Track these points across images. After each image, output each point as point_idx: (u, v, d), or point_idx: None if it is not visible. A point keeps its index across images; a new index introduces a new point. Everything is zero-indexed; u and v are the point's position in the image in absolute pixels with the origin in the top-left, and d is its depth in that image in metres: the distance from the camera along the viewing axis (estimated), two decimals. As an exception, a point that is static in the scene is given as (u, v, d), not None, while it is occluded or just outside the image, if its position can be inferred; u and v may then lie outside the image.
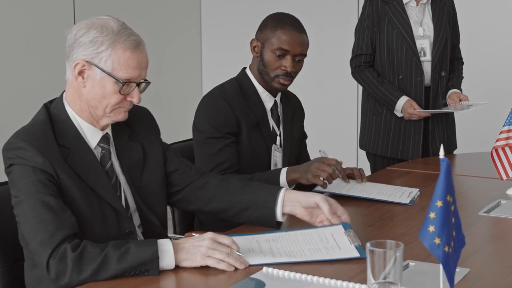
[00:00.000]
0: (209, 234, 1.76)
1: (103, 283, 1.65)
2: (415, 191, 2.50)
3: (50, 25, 4.68)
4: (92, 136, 1.88)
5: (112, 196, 1.86)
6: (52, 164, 1.75)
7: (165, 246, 1.71)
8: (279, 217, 2.01)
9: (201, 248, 1.72)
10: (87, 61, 1.79)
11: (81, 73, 1.81)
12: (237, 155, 2.50)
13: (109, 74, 1.79)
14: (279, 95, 2.64)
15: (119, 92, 1.81)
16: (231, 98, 2.51)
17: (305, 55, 2.53)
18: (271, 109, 2.60)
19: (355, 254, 1.81)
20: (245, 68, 2.63)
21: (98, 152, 1.88)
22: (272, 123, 2.60)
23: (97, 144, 1.88)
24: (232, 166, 2.47)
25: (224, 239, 1.76)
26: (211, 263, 1.72)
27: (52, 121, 1.83)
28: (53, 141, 1.79)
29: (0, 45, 4.44)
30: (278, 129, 2.62)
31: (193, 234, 1.86)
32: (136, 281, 1.65)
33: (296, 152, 2.72)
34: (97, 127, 1.88)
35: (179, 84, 5.72)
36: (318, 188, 2.42)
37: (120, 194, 1.91)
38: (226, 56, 5.70)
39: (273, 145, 2.58)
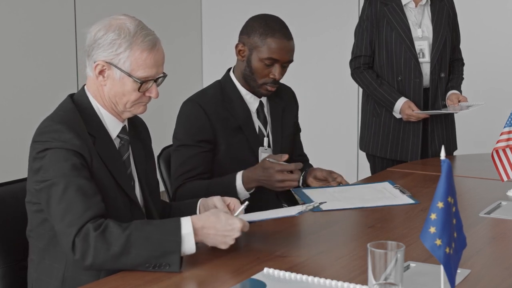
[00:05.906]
0: (238, 224, 1.74)
1: (104, 284, 1.66)
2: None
3: (50, 25, 4.68)
4: (114, 126, 1.93)
5: (129, 186, 1.92)
6: (88, 148, 1.80)
7: (186, 230, 1.72)
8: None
9: (227, 239, 1.75)
10: (106, 62, 1.85)
11: (101, 72, 1.87)
12: (208, 163, 2.45)
13: (128, 74, 1.85)
14: None
15: (138, 90, 1.87)
16: (209, 104, 2.47)
17: (292, 61, 2.48)
18: (257, 110, 2.54)
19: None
20: (230, 69, 2.58)
21: (117, 143, 1.94)
22: (258, 124, 2.54)
23: (117, 135, 1.94)
24: (199, 174, 2.43)
25: (246, 228, 1.77)
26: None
27: (79, 110, 1.88)
28: (84, 128, 1.84)
29: (0, 45, 4.45)
30: (266, 130, 2.56)
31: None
32: (136, 282, 1.65)
33: (290, 149, 2.62)
34: (119, 119, 1.94)
35: (179, 85, 5.71)
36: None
37: (134, 185, 1.96)
38: (226, 57, 5.69)
39: (260, 148, 2.52)
